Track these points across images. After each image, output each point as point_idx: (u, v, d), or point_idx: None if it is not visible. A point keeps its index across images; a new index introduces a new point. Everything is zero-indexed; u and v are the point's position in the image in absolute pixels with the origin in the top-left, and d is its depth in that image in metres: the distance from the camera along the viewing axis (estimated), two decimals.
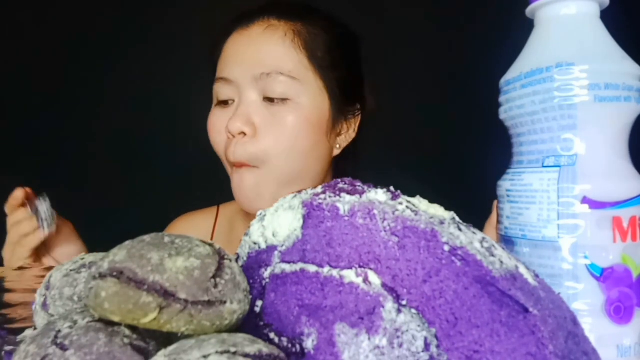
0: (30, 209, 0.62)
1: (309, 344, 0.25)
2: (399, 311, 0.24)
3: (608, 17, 0.37)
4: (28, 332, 0.36)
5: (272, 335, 0.28)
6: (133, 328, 0.26)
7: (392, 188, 0.29)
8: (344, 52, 0.67)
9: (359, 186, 0.30)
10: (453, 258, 0.25)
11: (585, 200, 0.33)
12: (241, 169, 0.61)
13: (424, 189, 0.36)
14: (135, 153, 1.34)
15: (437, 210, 0.28)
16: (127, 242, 0.27)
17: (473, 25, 1.30)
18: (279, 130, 0.59)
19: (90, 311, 0.26)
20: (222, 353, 0.22)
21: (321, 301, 0.26)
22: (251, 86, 0.60)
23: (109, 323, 0.26)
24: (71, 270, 0.34)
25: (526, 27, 0.39)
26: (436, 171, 1.23)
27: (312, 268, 0.27)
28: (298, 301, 0.27)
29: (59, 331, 0.25)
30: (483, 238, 0.26)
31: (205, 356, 0.22)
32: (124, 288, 0.24)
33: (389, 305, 0.24)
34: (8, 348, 0.33)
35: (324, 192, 0.30)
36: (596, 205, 0.33)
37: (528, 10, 0.39)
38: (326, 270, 0.27)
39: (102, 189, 1.17)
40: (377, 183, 0.30)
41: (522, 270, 0.25)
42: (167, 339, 0.27)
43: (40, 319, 0.33)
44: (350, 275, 0.26)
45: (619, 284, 0.33)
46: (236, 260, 0.30)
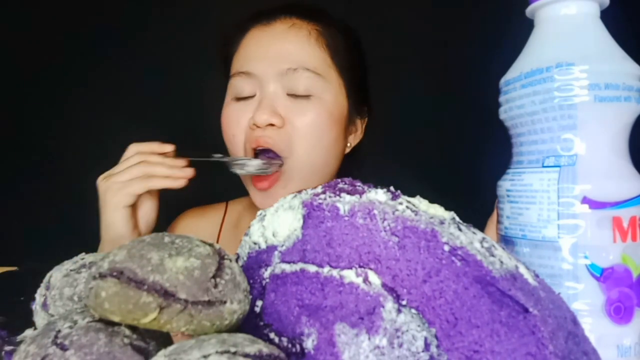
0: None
1: (309, 344, 0.25)
2: (399, 311, 0.24)
3: (608, 17, 0.37)
4: (28, 332, 0.36)
5: (272, 335, 0.28)
6: (133, 328, 0.26)
7: (392, 188, 0.29)
8: (359, 56, 0.70)
9: (359, 186, 0.30)
10: (453, 258, 0.25)
11: (585, 200, 0.33)
12: (266, 190, 0.60)
13: (424, 189, 0.36)
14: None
15: (437, 210, 0.28)
16: (127, 242, 0.27)
17: (473, 25, 1.30)
18: (306, 123, 0.61)
19: (90, 311, 0.26)
20: (222, 353, 0.22)
21: (321, 301, 0.26)
22: (275, 80, 0.61)
23: (109, 323, 0.26)
24: (71, 270, 0.34)
25: (526, 27, 0.39)
26: (436, 171, 1.23)
27: (312, 268, 0.27)
28: (298, 301, 0.27)
29: (59, 331, 0.25)
30: (483, 238, 0.26)
31: (205, 356, 0.22)
32: (124, 288, 0.24)
33: (389, 305, 0.24)
34: (8, 348, 0.33)
35: (324, 192, 0.30)
36: (596, 205, 0.33)
37: (528, 10, 0.39)
38: (326, 270, 0.27)
39: None
40: (377, 183, 0.30)
41: (522, 270, 0.25)
42: (167, 339, 0.27)
43: (40, 319, 0.33)
44: (350, 275, 0.26)
45: (619, 284, 0.33)
46: (236, 260, 0.30)
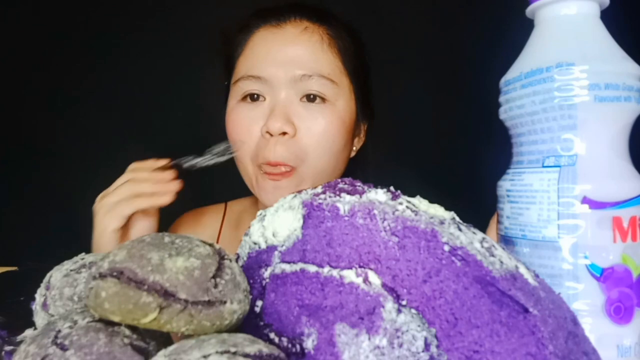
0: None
1: (309, 344, 0.25)
2: (399, 311, 0.24)
3: (608, 17, 0.37)
4: (28, 332, 0.36)
5: (272, 335, 0.28)
6: (133, 328, 0.26)
7: (392, 188, 0.29)
8: (365, 59, 0.69)
9: (359, 186, 0.30)
10: (453, 258, 0.25)
11: (585, 200, 0.33)
12: (277, 178, 0.60)
13: (424, 189, 0.36)
14: (140, 150, 1.35)
15: (437, 210, 0.28)
16: (127, 242, 0.27)
17: (473, 25, 1.30)
18: (319, 130, 0.60)
19: (90, 311, 0.26)
20: (222, 353, 0.22)
21: (321, 301, 0.26)
22: (288, 86, 0.59)
23: (109, 323, 0.26)
24: (71, 270, 0.34)
25: (526, 27, 0.39)
26: (436, 171, 1.23)
27: (312, 268, 0.27)
28: (298, 301, 0.27)
29: (59, 331, 0.25)
30: (483, 238, 0.26)
31: (205, 356, 0.22)
32: (124, 288, 0.24)
33: (389, 305, 0.24)
34: (8, 348, 0.33)
35: (324, 192, 0.30)
36: (596, 205, 0.33)
37: (528, 10, 0.39)
38: (326, 270, 0.27)
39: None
40: (377, 183, 0.30)
41: (522, 270, 0.25)
42: (167, 339, 0.27)
43: (40, 319, 0.33)
44: (350, 275, 0.26)
45: (619, 284, 0.33)
46: (236, 260, 0.30)
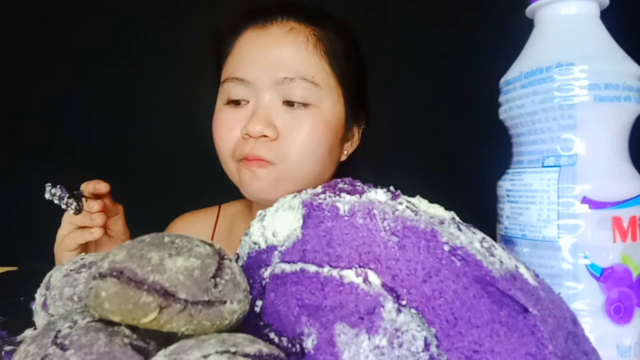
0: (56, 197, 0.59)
1: (309, 344, 0.25)
2: (399, 311, 0.24)
3: (608, 17, 0.37)
4: (28, 332, 0.36)
5: (272, 335, 0.28)
6: (133, 328, 0.26)
7: (392, 188, 0.29)
8: (357, 59, 0.67)
9: (359, 186, 0.30)
10: (453, 258, 0.25)
11: (585, 200, 0.33)
12: (253, 166, 0.59)
13: (424, 189, 0.36)
14: (134, 153, 1.34)
15: (437, 210, 0.28)
16: (127, 242, 0.27)
17: (473, 25, 1.30)
18: (302, 134, 0.59)
19: (90, 311, 0.26)
20: (222, 353, 0.22)
21: (321, 301, 0.26)
22: (271, 89, 0.58)
23: (109, 323, 0.26)
24: (71, 270, 0.34)
25: (526, 27, 0.39)
26: (436, 171, 1.23)
27: (312, 268, 0.27)
28: (298, 301, 0.27)
29: (59, 331, 0.25)
30: (483, 238, 0.26)
31: (205, 356, 0.22)
32: (124, 288, 0.24)
33: (389, 305, 0.24)
34: (8, 348, 0.33)
35: (324, 192, 0.30)
36: (596, 205, 0.33)
37: (528, 10, 0.39)
38: (326, 270, 0.27)
39: None
40: (377, 183, 0.30)
41: (522, 270, 0.25)
42: (167, 339, 0.27)
43: (40, 319, 0.33)
44: (350, 275, 0.26)
45: (619, 284, 0.33)
46: (236, 260, 0.30)
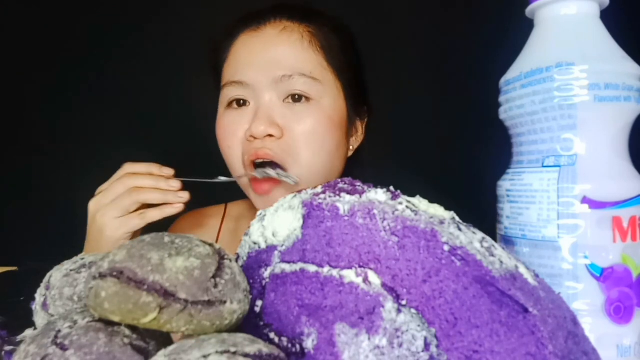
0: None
1: (309, 344, 0.25)
2: (399, 311, 0.24)
3: (608, 17, 0.37)
4: (28, 332, 0.36)
5: (272, 335, 0.28)
6: (133, 328, 0.26)
7: (392, 188, 0.29)
8: (354, 54, 0.67)
9: (359, 186, 0.30)
10: (453, 258, 0.25)
11: (585, 200, 0.33)
12: (269, 194, 0.58)
13: (424, 189, 0.36)
14: (137, 151, 1.35)
15: (437, 210, 0.28)
16: (127, 242, 0.27)
17: (473, 25, 1.30)
18: (306, 128, 0.58)
19: (90, 311, 0.26)
20: (222, 353, 0.22)
21: (321, 301, 0.26)
22: (270, 88, 0.58)
23: (109, 323, 0.26)
24: (71, 270, 0.34)
25: (526, 27, 0.39)
26: (436, 171, 1.23)
27: (312, 268, 0.27)
28: (298, 301, 0.27)
29: (59, 331, 0.25)
30: (483, 238, 0.26)
31: (205, 356, 0.22)
32: (124, 288, 0.24)
33: (389, 305, 0.24)
34: (8, 348, 0.33)
35: (324, 192, 0.30)
36: (596, 205, 0.33)
37: (528, 10, 0.39)
38: (326, 270, 0.27)
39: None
40: (377, 183, 0.30)
41: (522, 270, 0.25)
42: (167, 339, 0.27)
43: (40, 319, 0.33)
44: (350, 275, 0.26)
45: (619, 284, 0.33)
46: (236, 260, 0.30)
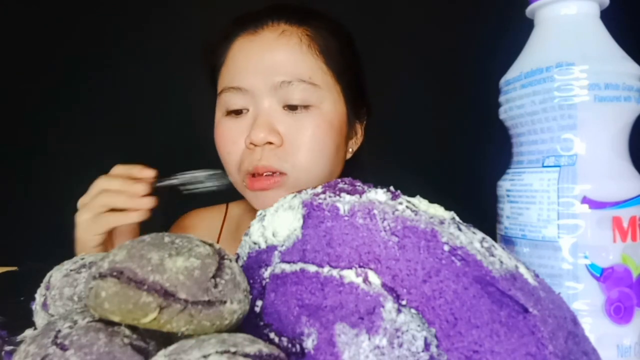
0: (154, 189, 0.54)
1: (309, 344, 0.25)
2: (399, 311, 0.24)
3: (608, 17, 0.37)
4: (28, 332, 0.36)
5: (272, 335, 0.28)
6: (133, 328, 0.26)
7: (392, 188, 0.29)
8: (353, 55, 0.66)
9: (359, 186, 0.30)
10: (453, 258, 0.25)
11: (585, 200, 0.33)
12: (266, 191, 0.57)
13: (424, 189, 0.36)
14: (137, 153, 1.35)
15: (437, 210, 0.28)
16: (127, 242, 0.27)
17: (473, 25, 1.30)
18: (306, 137, 0.58)
19: (90, 311, 0.26)
20: (222, 353, 0.22)
21: (321, 301, 0.26)
22: (269, 94, 0.58)
23: (109, 323, 0.26)
24: (71, 270, 0.34)
25: (526, 27, 0.39)
26: (436, 171, 1.23)
27: (312, 268, 0.27)
28: (298, 301, 0.27)
29: (59, 331, 0.25)
30: (483, 238, 0.26)
31: (205, 356, 0.22)
32: (124, 288, 0.24)
33: (389, 305, 0.24)
34: (8, 348, 0.33)
35: (324, 192, 0.30)
36: (596, 205, 0.33)
37: (528, 10, 0.39)
38: (326, 270, 0.27)
39: None
40: (377, 183, 0.30)
41: (522, 270, 0.25)
42: (167, 339, 0.27)
43: (40, 319, 0.33)
44: (350, 275, 0.26)
45: (619, 284, 0.33)
46: (236, 260, 0.30)
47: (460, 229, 0.26)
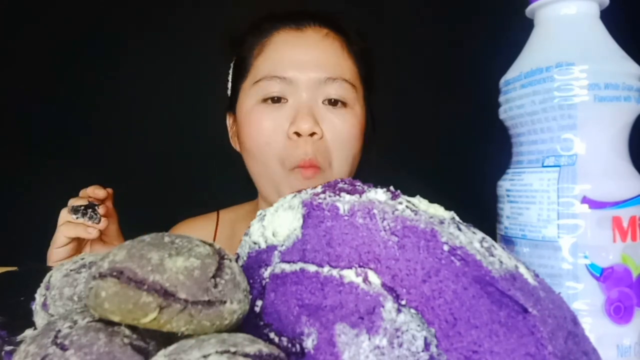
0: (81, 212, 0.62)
1: (309, 344, 0.25)
2: (399, 311, 0.24)
3: (608, 17, 0.37)
4: (28, 332, 0.36)
5: (272, 335, 0.28)
6: (133, 328, 0.26)
7: (392, 188, 0.29)
8: (373, 65, 0.70)
9: (359, 186, 0.30)
10: (452, 258, 0.25)
11: (585, 200, 0.33)
12: (308, 175, 0.59)
13: (424, 189, 0.36)
14: (133, 157, 1.35)
15: (437, 210, 0.28)
16: (127, 242, 0.27)
17: (473, 25, 1.30)
18: (344, 133, 0.61)
19: (90, 311, 0.26)
20: (222, 353, 0.22)
21: (321, 301, 0.26)
22: (313, 88, 0.60)
23: (109, 323, 0.26)
24: (71, 270, 0.34)
25: (526, 27, 0.39)
26: (436, 171, 1.23)
27: (312, 268, 0.27)
28: (298, 301, 0.27)
29: (59, 331, 0.25)
30: (483, 238, 0.26)
31: (205, 356, 0.22)
32: (124, 288, 0.24)
33: (389, 305, 0.24)
34: (8, 348, 0.33)
35: (324, 192, 0.30)
36: (596, 205, 0.33)
37: (528, 10, 0.39)
38: (326, 270, 0.27)
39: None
40: (377, 183, 0.30)
41: (522, 270, 0.25)
42: (167, 339, 0.27)
43: (40, 319, 0.33)
44: (350, 274, 0.26)
45: (619, 284, 0.33)
46: (236, 260, 0.30)
47: (460, 229, 0.26)
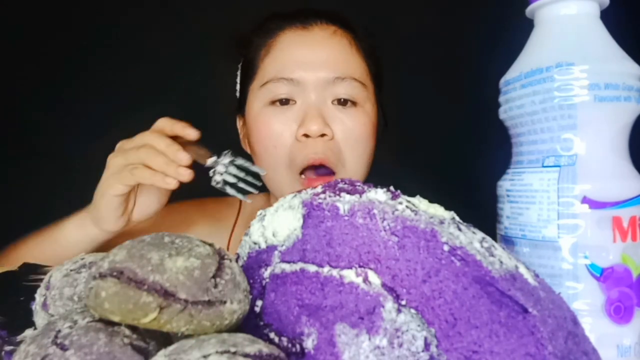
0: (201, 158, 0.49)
1: (309, 344, 0.25)
2: (399, 311, 0.24)
3: (608, 17, 0.37)
4: (28, 332, 0.36)
5: (272, 335, 0.28)
6: (133, 328, 0.26)
7: (392, 188, 0.29)
8: (381, 64, 0.69)
9: (359, 186, 0.30)
10: (452, 258, 0.25)
11: (585, 200, 0.33)
12: (317, 182, 0.56)
13: (424, 189, 0.36)
14: None
15: (437, 210, 0.28)
16: (127, 242, 0.27)
17: (473, 25, 1.30)
18: (355, 133, 0.59)
19: (90, 311, 0.26)
20: (222, 353, 0.22)
21: (321, 301, 0.26)
22: (322, 89, 0.58)
23: (109, 323, 0.26)
24: (71, 270, 0.34)
25: (526, 27, 0.39)
26: (436, 171, 1.23)
27: (312, 268, 0.27)
28: (298, 301, 0.27)
29: (59, 331, 0.25)
30: (483, 238, 0.26)
31: (205, 356, 0.22)
32: (124, 288, 0.24)
33: (389, 305, 0.24)
34: (8, 348, 0.33)
35: (324, 192, 0.30)
36: (596, 205, 0.33)
37: (528, 10, 0.39)
38: (326, 270, 0.27)
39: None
40: (377, 183, 0.30)
41: (522, 270, 0.25)
42: (167, 339, 0.27)
43: (40, 319, 0.33)
44: (350, 275, 0.26)
45: (619, 284, 0.33)
46: (236, 260, 0.30)
47: (460, 229, 0.26)
